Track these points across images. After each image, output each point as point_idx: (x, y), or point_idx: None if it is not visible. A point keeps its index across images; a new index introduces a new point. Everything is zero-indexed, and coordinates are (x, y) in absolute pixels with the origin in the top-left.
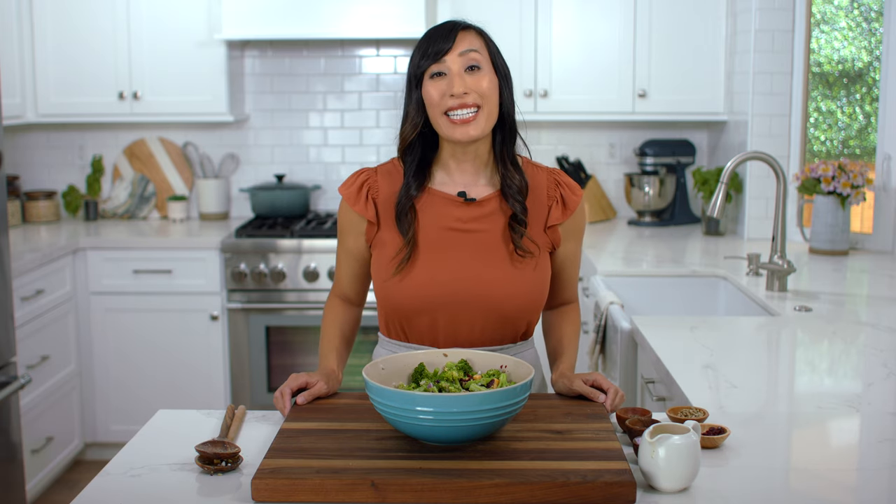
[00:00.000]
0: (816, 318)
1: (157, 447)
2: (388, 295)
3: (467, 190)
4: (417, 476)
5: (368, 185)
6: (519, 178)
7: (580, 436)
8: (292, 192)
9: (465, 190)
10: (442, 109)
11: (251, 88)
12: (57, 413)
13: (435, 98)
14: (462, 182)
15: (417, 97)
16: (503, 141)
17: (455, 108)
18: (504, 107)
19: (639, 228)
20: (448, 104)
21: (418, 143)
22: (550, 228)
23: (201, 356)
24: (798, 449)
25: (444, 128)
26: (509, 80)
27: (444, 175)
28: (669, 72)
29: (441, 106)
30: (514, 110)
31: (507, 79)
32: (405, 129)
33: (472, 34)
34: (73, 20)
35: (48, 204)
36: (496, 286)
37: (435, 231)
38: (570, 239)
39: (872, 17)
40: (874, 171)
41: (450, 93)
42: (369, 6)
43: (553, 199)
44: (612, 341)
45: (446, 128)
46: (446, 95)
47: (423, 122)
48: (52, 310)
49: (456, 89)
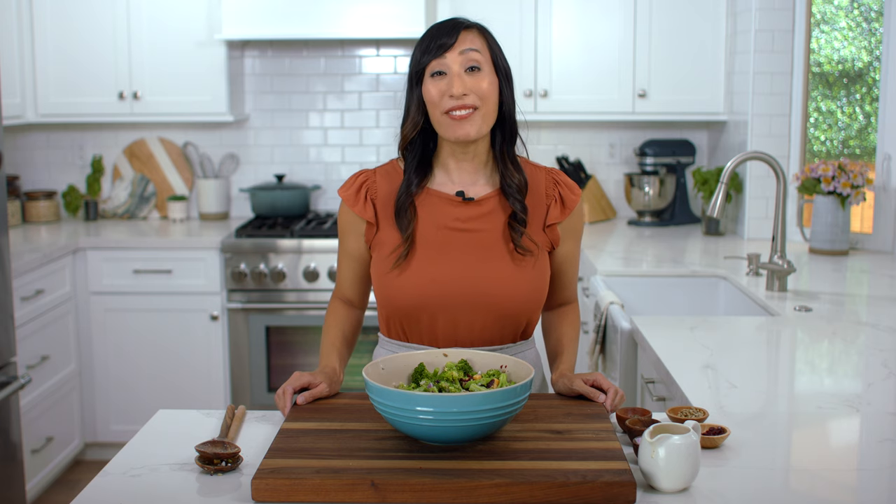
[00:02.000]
0: (816, 318)
1: (157, 447)
2: (387, 292)
3: (466, 189)
4: (417, 476)
5: (367, 187)
6: (519, 176)
7: (580, 436)
8: (292, 192)
9: (464, 189)
10: (442, 109)
11: (251, 88)
12: (57, 413)
13: (435, 97)
14: (461, 181)
15: (418, 95)
16: (503, 140)
17: (454, 109)
18: (505, 106)
19: (639, 228)
20: (447, 105)
21: (419, 141)
22: (549, 228)
23: (201, 356)
24: (798, 449)
25: (442, 126)
26: (510, 80)
27: (444, 174)
28: (669, 72)
29: (441, 106)
30: (514, 110)
31: (508, 78)
32: (406, 126)
33: (474, 33)
34: (73, 20)
35: (48, 204)
36: (495, 285)
37: (434, 230)
38: (569, 238)
39: (872, 17)
40: (874, 171)
41: (449, 93)
42: (369, 6)
43: (552, 198)
44: (612, 341)
45: (445, 126)
46: (446, 96)
47: (424, 120)
48: (52, 310)
49: (455, 90)
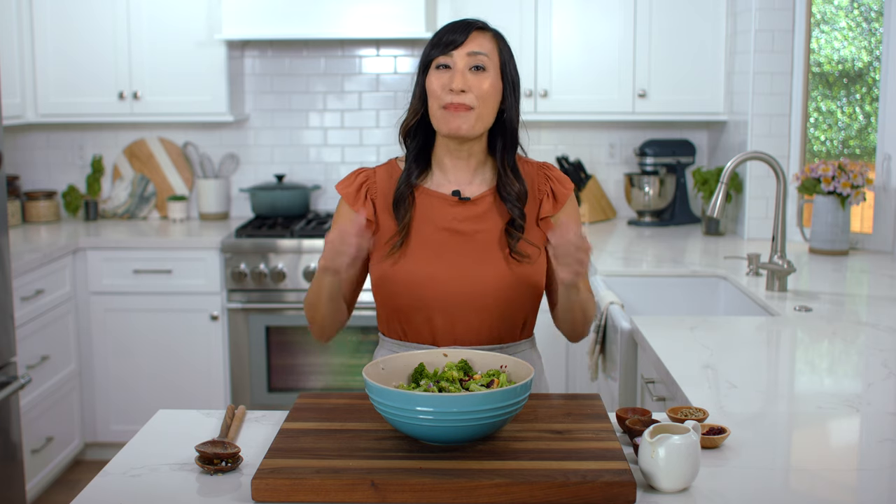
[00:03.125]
0: (816, 318)
1: (157, 447)
2: (384, 288)
3: (462, 188)
4: (417, 476)
5: (367, 186)
6: (518, 186)
7: (580, 436)
8: (292, 192)
9: (460, 188)
10: (440, 102)
11: (251, 88)
12: (57, 413)
13: (436, 89)
14: (456, 180)
15: (422, 84)
16: (504, 148)
17: (453, 104)
18: (507, 113)
19: (639, 228)
20: (446, 99)
21: (420, 133)
22: (543, 220)
23: (201, 356)
24: (798, 449)
25: (437, 119)
26: (517, 89)
27: (440, 174)
28: (669, 72)
29: (440, 98)
30: (517, 119)
31: (514, 87)
32: (408, 114)
33: (486, 37)
34: (73, 20)
35: (48, 204)
36: (491, 284)
37: (430, 231)
38: None
39: (872, 17)
40: (874, 171)
41: (449, 87)
42: (369, 6)
43: (543, 192)
44: (612, 341)
45: (439, 119)
46: (446, 89)
47: (424, 111)
48: (52, 310)
49: (455, 84)
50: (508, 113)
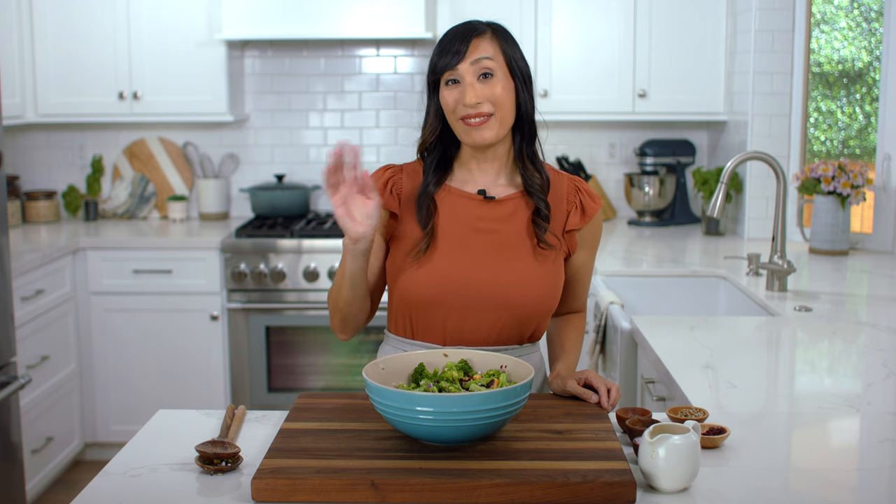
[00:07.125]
0: (816, 318)
1: (157, 447)
2: (404, 285)
3: (488, 188)
4: (417, 476)
5: (393, 182)
6: (539, 176)
7: (580, 436)
8: (292, 192)
9: (486, 189)
10: (457, 116)
11: (251, 88)
12: (57, 413)
13: (450, 105)
14: (483, 181)
15: (436, 102)
16: (522, 140)
17: (469, 117)
18: (522, 107)
19: (639, 228)
20: (462, 112)
21: (438, 144)
22: (568, 234)
23: (201, 356)
24: (798, 449)
25: (460, 133)
26: (528, 81)
27: (466, 174)
28: (669, 72)
29: (456, 113)
30: (533, 110)
31: (524, 80)
32: (425, 132)
33: (487, 39)
34: (73, 20)
35: (48, 204)
36: (511, 286)
37: (456, 229)
38: (586, 247)
39: (872, 17)
40: (874, 171)
41: (463, 102)
42: (369, 6)
43: (573, 204)
44: (612, 341)
45: (462, 133)
46: (460, 104)
47: (443, 125)
48: (52, 310)
49: (468, 100)
50: (524, 106)
